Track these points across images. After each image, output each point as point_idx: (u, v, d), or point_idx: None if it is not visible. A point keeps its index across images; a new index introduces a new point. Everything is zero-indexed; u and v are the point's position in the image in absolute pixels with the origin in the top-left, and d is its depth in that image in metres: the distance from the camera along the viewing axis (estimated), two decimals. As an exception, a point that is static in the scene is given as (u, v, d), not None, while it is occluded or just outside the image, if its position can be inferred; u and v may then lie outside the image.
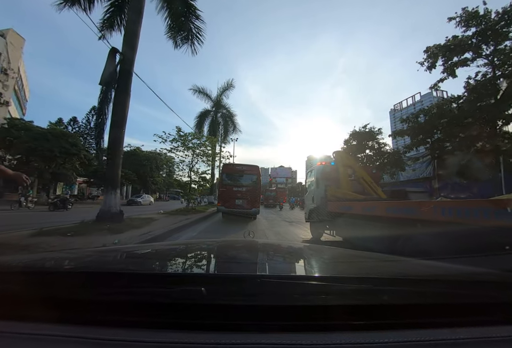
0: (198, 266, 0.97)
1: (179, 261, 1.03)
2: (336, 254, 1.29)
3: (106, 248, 1.76)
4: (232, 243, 1.74)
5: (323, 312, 0.52)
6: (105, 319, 0.51)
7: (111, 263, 0.93)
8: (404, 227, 3.00)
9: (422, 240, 2.68)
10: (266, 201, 29.55)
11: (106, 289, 0.57)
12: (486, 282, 0.68)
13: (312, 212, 6.11)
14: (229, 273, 0.74)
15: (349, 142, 17.15)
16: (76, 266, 0.86)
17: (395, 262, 1.11)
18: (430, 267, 1.01)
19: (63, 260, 0.96)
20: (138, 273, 0.67)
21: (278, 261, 1.14)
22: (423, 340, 0.46)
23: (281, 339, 0.46)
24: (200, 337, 0.46)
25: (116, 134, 6.32)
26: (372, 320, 0.52)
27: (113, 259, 0.99)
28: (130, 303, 0.53)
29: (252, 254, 1.25)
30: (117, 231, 5.05)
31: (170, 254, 1.16)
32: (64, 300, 0.54)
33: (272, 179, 36.96)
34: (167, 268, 0.88)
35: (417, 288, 0.60)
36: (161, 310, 0.53)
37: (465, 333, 0.49)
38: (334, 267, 1.01)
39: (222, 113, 22.87)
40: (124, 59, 6.80)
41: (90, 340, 0.45)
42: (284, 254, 1.33)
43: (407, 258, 1.31)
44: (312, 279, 0.69)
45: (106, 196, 6.13)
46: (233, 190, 10.25)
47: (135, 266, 0.89)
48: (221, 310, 0.52)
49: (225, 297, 0.55)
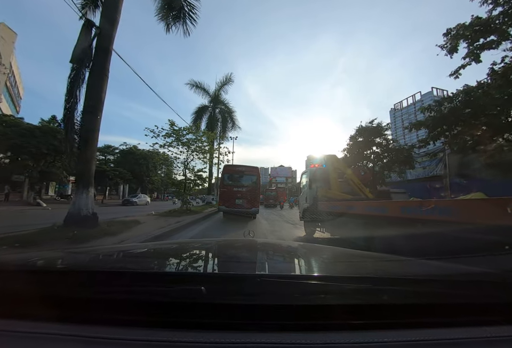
0: (198, 265, 0.97)
1: (179, 260, 1.02)
2: (336, 254, 1.29)
3: (106, 247, 1.71)
4: (232, 242, 1.73)
5: (323, 311, 0.52)
6: (105, 318, 0.51)
7: (111, 262, 0.94)
8: (379, 223, 3.28)
9: (390, 234, 2.99)
10: (266, 201, 28.80)
11: (106, 288, 0.57)
12: (486, 282, 0.68)
13: (305, 211, 6.34)
14: (229, 272, 0.75)
15: (355, 138, 16.09)
16: (76, 265, 0.85)
17: (395, 262, 1.10)
18: (429, 267, 1.00)
19: (63, 259, 0.96)
20: (138, 272, 0.68)
21: (277, 261, 1.15)
22: (422, 340, 0.46)
23: (281, 338, 0.46)
24: (200, 336, 0.46)
25: (89, 121, 5.27)
26: (371, 320, 0.52)
27: (113, 258, 0.99)
28: (130, 302, 0.53)
29: (252, 253, 1.27)
30: (82, 240, 4.01)
31: (170, 253, 1.18)
32: (63, 299, 0.54)
33: (272, 178, 36.29)
34: (167, 267, 0.88)
35: (416, 288, 0.60)
36: (161, 309, 0.52)
37: (465, 333, 0.49)
38: (333, 266, 1.00)
39: (220, 109, 21.83)
40: (101, 34, 5.75)
41: (89, 338, 0.45)
42: (284, 253, 1.32)
43: (407, 258, 1.30)
44: (312, 278, 0.68)
45: (76, 196, 5.08)
46: (233, 190, 10.39)
47: (135, 265, 0.88)
48: (220, 309, 0.52)
49: (225, 296, 0.55)
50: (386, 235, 3.03)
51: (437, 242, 2.31)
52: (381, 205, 3.59)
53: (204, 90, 21.11)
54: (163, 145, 11.22)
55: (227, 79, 21.18)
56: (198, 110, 21.12)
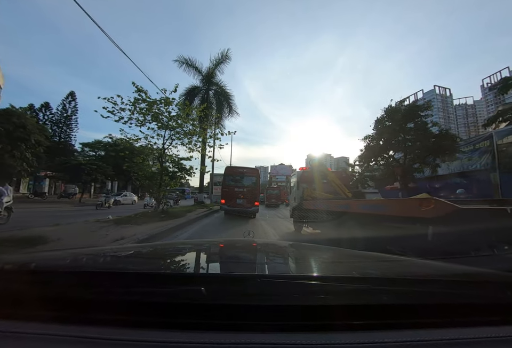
0: (198, 265, 0.96)
1: (179, 261, 1.03)
2: (336, 254, 1.29)
3: (106, 248, 1.60)
4: (232, 242, 1.72)
5: (323, 312, 0.52)
6: (105, 318, 0.50)
7: (111, 262, 0.93)
8: (344, 217, 3.98)
9: (350, 224, 3.78)
10: (268, 200, 25.60)
11: (105, 288, 0.57)
12: (486, 282, 0.68)
13: (294, 209, 6.94)
14: (229, 273, 0.74)
15: (382, 122, 12.81)
16: (76, 265, 0.83)
17: (395, 262, 1.09)
18: (429, 267, 0.99)
19: (63, 259, 0.94)
20: (138, 273, 0.67)
21: (277, 261, 1.14)
22: (423, 340, 0.46)
23: (281, 339, 0.46)
24: (199, 337, 0.45)
25: None
26: (371, 320, 0.52)
27: (113, 259, 0.98)
28: (129, 303, 0.53)
29: (252, 254, 1.27)
30: None
31: (170, 253, 1.17)
32: (63, 300, 0.54)
33: (273, 176, 33.89)
34: (166, 268, 0.87)
35: (416, 288, 0.60)
36: (161, 309, 0.52)
37: (466, 333, 0.49)
38: (333, 267, 0.99)
39: (215, 91, 18.42)
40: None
41: (89, 339, 0.45)
42: (284, 254, 1.32)
43: (407, 258, 1.29)
44: (312, 279, 0.66)
45: None
46: (235, 191, 10.91)
47: (135, 266, 0.87)
48: (220, 310, 0.52)
49: (225, 296, 0.55)
50: (350, 225, 3.80)
51: (375, 225, 3.20)
52: (346, 203, 4.30)
53: (195, 69, 17.70)
54: (127, 121, 7.85)
55: (223, 56, 17.71)
56: (188, 92, 17.63)
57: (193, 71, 17.71)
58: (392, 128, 12.49)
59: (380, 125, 13.16)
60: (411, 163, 12.85)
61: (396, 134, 12.55)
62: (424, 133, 11.96)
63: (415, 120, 12.01)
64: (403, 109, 12.40)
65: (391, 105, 12.59)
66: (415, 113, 12.18)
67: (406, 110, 12.08)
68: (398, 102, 12.71)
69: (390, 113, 12.71)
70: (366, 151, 13.99)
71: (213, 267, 0.96)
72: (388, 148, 13.04)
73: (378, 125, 12.94)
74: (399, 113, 12.43)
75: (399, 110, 12.58)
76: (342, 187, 6.35)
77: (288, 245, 1.61)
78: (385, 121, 12.66)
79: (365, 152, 13.91)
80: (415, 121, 12.10)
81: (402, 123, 12.05)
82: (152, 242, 4.66)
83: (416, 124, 12.00)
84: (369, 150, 13.36)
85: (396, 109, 12.54)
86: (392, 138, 12.64)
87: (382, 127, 12.64)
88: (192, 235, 5.85)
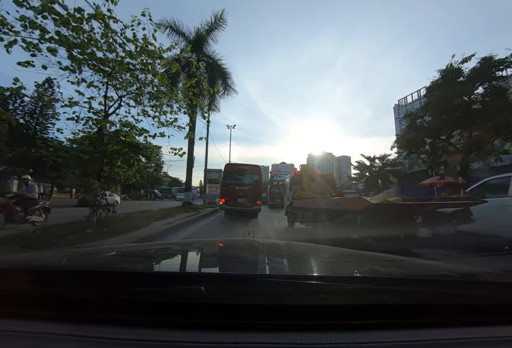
0: (198, 265, 0.97)
1: (179, 260, 1.03)
2: (336, 254, 1.27)
3: (106, 247, 1.63)
4: (232, 242, 1.71)
5: (323, 312, 0.52)
6: (105, 318, 0.50)
7: (110, 262, 0.92)
8: (328, 213, 4.68)
9: (327, 217, 4.68)
10: (271, 200, 21.79)
11: (105, 288, 0.56)
12: (486, 282, 0.68)
13: (287, 208, 7.77)
14: (229, 272, 0.74)
15: (440, 88, 9.12)
16: (76, 265, 0.84)
17: (395, 262, 1.07)
18: (429, 267, 0.99)
19: (62, 258, 0.94)
20: (138, 272, 0.67)
21: (278, 261, 1.14)
22: (422, 340, 0.46)
23: (281, 338, 0.46)
24: (199, 336, 0.45)
25: None
26: (371, 320, 0.52)
27: (113, 258, 0.98)
28: (129, 302, 0.52)
29: (252, 253, 1.26)
30: None
31: (170, 253, 1.17)
32: (63, 299, 0.54)
33: (275, 175, 30.89)
34: (166, 267, 0.87)
35: (416, 288, 0.60)
36: (160, 309, 0.52)
37: (466, 333, 0.49)
38: (333, 266, 0.99)
39: (207, 64, 14.69)
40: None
41: (89, 338, 0.45)
42: (284, 253, 1.31)
43: (407, 258, 1.24)
44: (312, 279, 0.66)
45: None
46: (235, 189, 10.52)
47: (135, 265, 0.87)
48: (220, 309, 0.52)
49: (225, 296, 0.54)
50: (327, 218, 4.65)
51: (337, 217, 4.33)
52: (323, 201, 5.23)
53: (182, 35, 14.01)
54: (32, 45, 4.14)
55: (217, 19, 14.01)
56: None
57: (180, 39, 14.04)
58: (449, 99, 8.85)
59: (431, 97, 9.48)
60: (473, 147, 9.21)
61: (452, 108, 8.88)
62: (497, 97, 8.22)
63: (491, 83, 8.32)
64: (468, 70, 8.75)
65: (452, 65, 8.92)
66: (487, 74, 8.50)
67: (478, 69, 8.38)
68: (458, 62, 9.10)
69: (447, 77, 9.05)
70: (409, 133, 10.34)
71: (213, 266, 0.98)
72: (443, 127, 9.38)
73: (432, 93, 9.21)
74: (461, 75, 8.77)
75: (460, 72, 8.92)
76: (328, 188, 7.05)
77: (288, 245, 1.59)
78: (443, 88, 9.00)
79: (409, 135, 10.24)
80: (489, 85, 8.42)
81: (470, 86, 8.37)
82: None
83: (492, 89, 8.31)
84: (418, 131, 9.69)
85: (457, 70, 8.89)
86: (451, 112, 8.99)
87: (438, 97, 8.93)
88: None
